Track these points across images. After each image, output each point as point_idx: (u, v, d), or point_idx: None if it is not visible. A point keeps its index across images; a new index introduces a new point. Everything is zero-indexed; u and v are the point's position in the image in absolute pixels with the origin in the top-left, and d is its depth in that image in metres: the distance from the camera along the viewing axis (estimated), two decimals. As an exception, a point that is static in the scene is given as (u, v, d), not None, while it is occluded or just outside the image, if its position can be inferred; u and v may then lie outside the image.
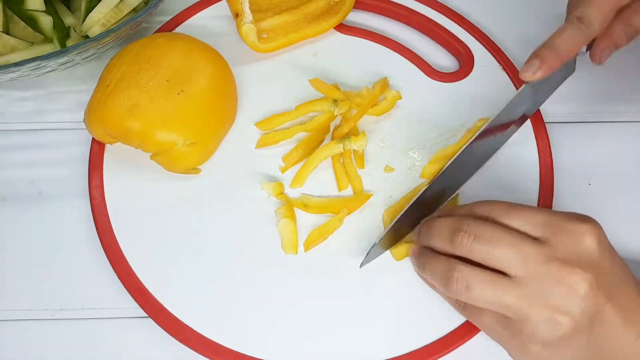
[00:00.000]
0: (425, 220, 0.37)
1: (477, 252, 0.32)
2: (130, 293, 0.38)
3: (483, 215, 0.34)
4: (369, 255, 0.38)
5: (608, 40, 0.41)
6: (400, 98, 0.46)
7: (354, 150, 0.43)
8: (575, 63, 0.42)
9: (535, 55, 0.38)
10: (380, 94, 0.46)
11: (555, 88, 0.43)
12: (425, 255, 0.36)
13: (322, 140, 0.44)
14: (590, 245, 0.32)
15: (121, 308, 0.39)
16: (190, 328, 0.37)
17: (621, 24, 0.40)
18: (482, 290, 0.32)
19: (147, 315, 0.37)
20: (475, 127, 0.42)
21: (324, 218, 0.41)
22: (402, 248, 0.39)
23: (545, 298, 0.31)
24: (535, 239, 0.32)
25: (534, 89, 0.40)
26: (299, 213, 0.41)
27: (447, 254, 0.34)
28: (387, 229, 0.38)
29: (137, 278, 0.38)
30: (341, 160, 0.43)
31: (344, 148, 0.43)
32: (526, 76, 0.38)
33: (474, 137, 0.39)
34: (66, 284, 0.39)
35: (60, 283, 0.39)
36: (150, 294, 0.38)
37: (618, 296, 0.32)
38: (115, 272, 0.39)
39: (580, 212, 0.34)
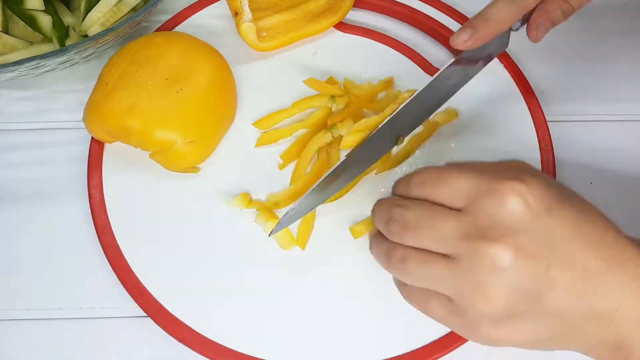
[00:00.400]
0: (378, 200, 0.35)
1: (407, 240, 0.31)
2: (129, 293, 0.38)
3: (418, 190, 0.32)
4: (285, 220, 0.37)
5: (544, 17, 0.40)
6: (401, 96, 0.46)
7: (342, 136, 0.42)
8: (508, 38, 0.41)
9: (468, 24, 0.37)
10: (381, 90, 0.45)
11: (482, 68, 0.42)
12: (373, 237, 0.34)
13: (320, 136, 0.44)
14: (514, 207, 0.29)
15: (121, 308, 0.39)
16: (190, 328, 0.37)
17: (557, 0, 0.39)
18: (416, 262, 0.31)
19: (146, 315, 0.37)
20: (402, 97, 0.42)
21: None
22: (359, 226, 0.38)
23: (473, 274, 0.29)
24: (458, 211, 0.30)
25: (463, 65, 0.40)
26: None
27: None
28: (311, 190, 0.37)
29: (136, 277, 0.38)
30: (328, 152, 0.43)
31: (332, 136, 0.42)
32: (456, 44, 0.37)
33: (398, 109, 0.39)
34: (65, 283, 0.39)
35: (59, 283, 0.39)
36: (150, 294, 0.38)
37: (571, 253, 0.29)
38: (115, 271, 0.38)
39: None
